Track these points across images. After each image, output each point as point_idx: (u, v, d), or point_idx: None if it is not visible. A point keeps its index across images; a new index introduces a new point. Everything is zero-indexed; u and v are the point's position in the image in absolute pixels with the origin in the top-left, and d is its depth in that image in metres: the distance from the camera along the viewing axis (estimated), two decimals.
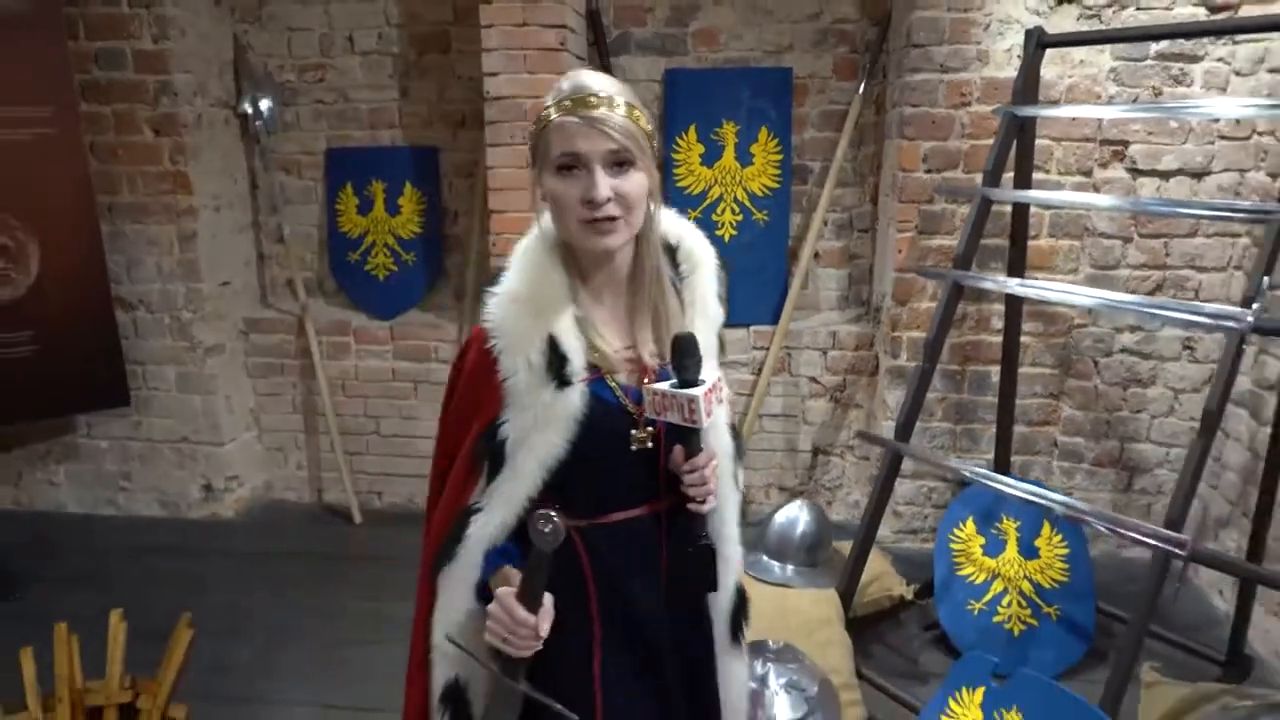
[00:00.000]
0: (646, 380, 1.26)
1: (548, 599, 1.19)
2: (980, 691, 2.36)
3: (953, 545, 2.99)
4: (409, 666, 1.42)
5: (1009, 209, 3.00)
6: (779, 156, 3.61)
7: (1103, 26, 3.09)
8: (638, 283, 1.29)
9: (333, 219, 3.97)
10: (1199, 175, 3.17)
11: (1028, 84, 2.80)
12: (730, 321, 1.42)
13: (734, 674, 1.47)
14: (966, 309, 3.34)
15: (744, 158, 3.62)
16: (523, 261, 1.27)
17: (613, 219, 1.18)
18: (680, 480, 1.27)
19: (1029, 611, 2.85)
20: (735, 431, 1.41)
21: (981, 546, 2.97)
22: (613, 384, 1.27)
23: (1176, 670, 2.54)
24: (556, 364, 1.21)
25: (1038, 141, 3.00)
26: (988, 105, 3.12)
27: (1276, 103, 2.56)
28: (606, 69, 3.52)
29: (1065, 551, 2.90)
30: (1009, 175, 2.92)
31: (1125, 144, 3.19)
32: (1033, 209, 3.10)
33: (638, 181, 1.19)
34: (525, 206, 3.44)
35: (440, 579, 1.30)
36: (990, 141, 2.97)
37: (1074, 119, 3.13)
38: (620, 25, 3.59)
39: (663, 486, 1.31)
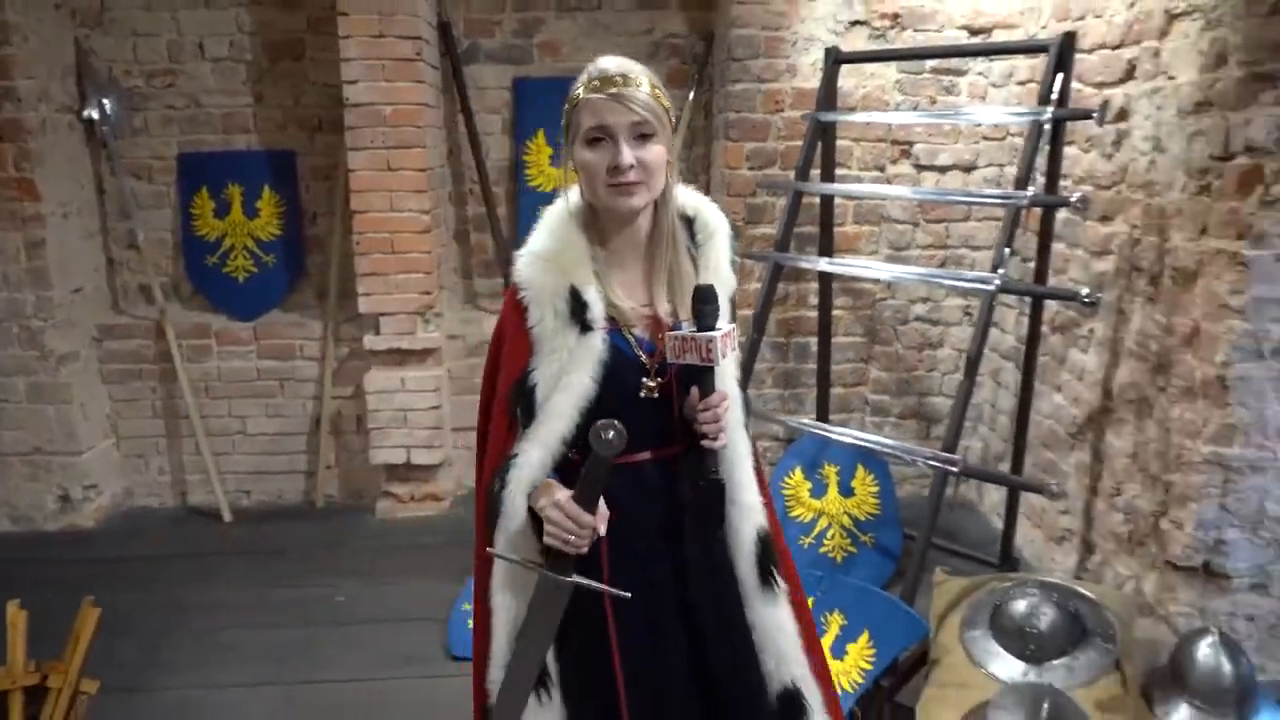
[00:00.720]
0: (660, 332, 1.42)
1: (601, 503, 1.32)
2: (810, 602, 2.82)
3: (785, 492, 3.47)
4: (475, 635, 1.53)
5: (819, 200, 3.50)
6: None
7: (888, 45, 3.65)
8: (656, 247, 1.45)
9: (187, 223, 4.02)
10: (968, 170, 3.80)
11: (828, 94, 3.31)
12: None
13: (768, 618, 1.50)
14: (788, 288, 3.83)
15: None
16: (549, 226, 1.45)
17: (635, 183, 1.35)
18: (692, 427, 1.41)
19: (849, 541, 3.36)
20: (743, 387, 1.52)
21: (808, 490, 3.46)
22: (628, 336, 1.43)
23: (962, 572, 3.10)
24: (579, 311, 1.38)
25: (840, 142, 3.52)
26: (797, 111, 3.62)
27: (1023, 111, 3.17)
28: (459, 78, 3.79)
29: (876, 489, 3.44)
30: (817, 171, 3.42)
31: (910, 144, 3.78)
32: (838, 200, 3.61)
33: (657, 152, 1.36)
34: (386, 206, 3.66)
35: (497, 534, 1.41)
36: (801, 143, 3.45)
37: (868, 123, 3.68)
38: (470, 36, 3.87)
39: (675, 432, 1.45)
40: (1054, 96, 2.70)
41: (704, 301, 1.35)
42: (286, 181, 4.01)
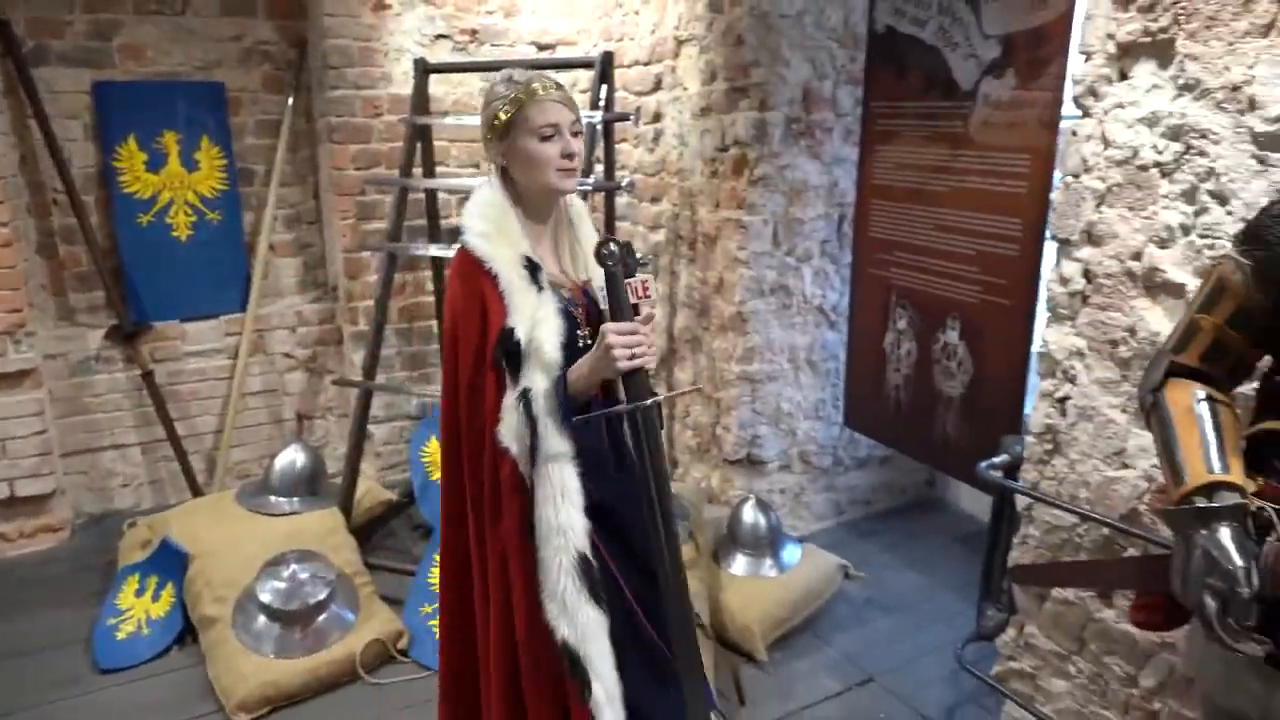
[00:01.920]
0: (576, 291, 1.72)
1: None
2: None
3: (423, 459, 3.83)
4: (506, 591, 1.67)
5: (424, 195, 3.90)
6: (223, 162, 4.04)
7: (469, 58, 4.15)
8: (559, 224, 1.77)
9: None
10: None
11: (420, 99, 3.71)
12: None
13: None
14: (404, 278, 4.18)
15: (189, 164, 3.97)
16: (487, 210, 1.67)
17: (575, 169, 1.66)
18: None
19: None
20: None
21: None
22: (566, 297, 1.70)
23: None
24: (534, 273, 1.63)
25: (437, 143, 3.95)
26: (395, 116, 3.97)
27: (582, 114, 3.84)
28: (26, 80, 3.58)
29: None
30: (421, 169, 3.81)
31: None
32: (441, 193, 4.04)
33: (581, 145, 1.68)
34: None
35: (541, 468, 1.58)
36: (401, 144, 3.82)
37: (460, 125, 4.15)
38: (36, 36, 3.66)
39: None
40: (601, 102, 3.37)
41: (627, 253, 1.66)
42: None
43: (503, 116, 1.64)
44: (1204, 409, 1.47)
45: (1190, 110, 1.90)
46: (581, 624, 1.59)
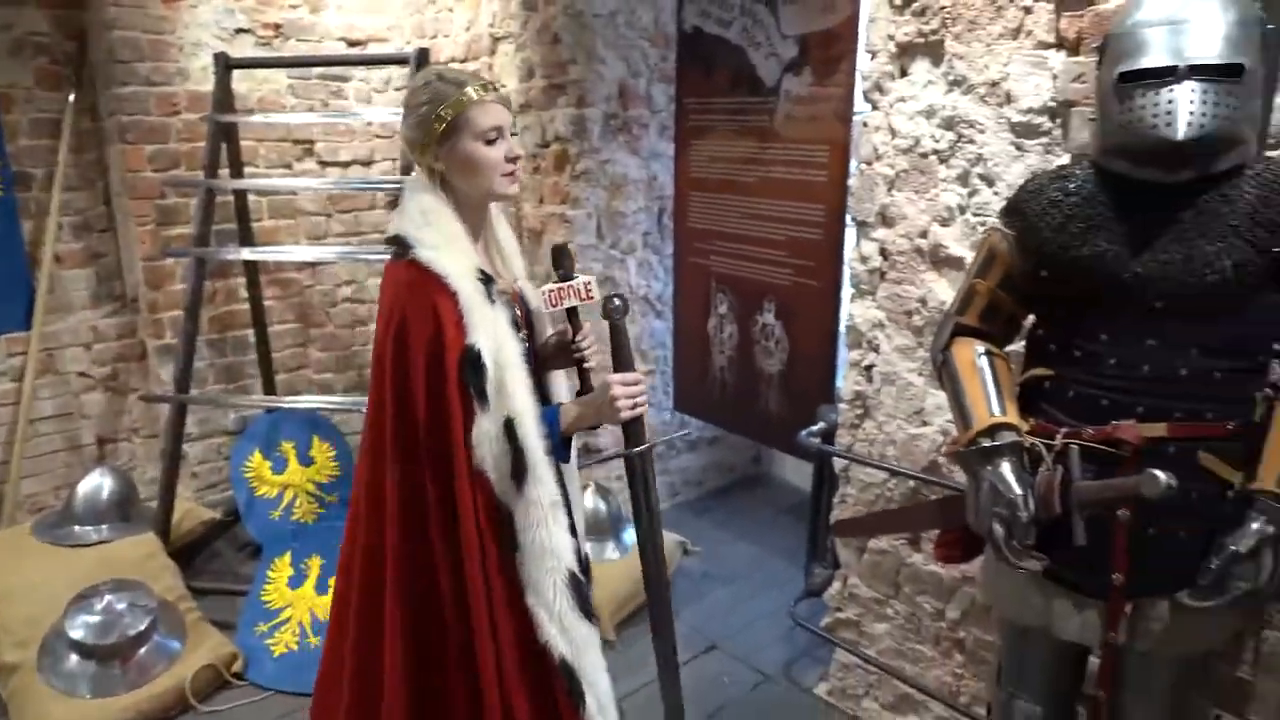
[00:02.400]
0: (542, 289, 1.72)
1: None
2: (288, 554, 3.12)
3: (246, 475, 3.65)
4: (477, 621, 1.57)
5: (232, 198, 3.71)
6: None
7: (275, 53, 3.98)
8: (489, 228, 1.72)
9: None
10: (368, 164, 4.34)
11: (224, 97, 3.53)
12: None
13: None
14: (214, 285, 3.96)
15: None
16: (434, 219, 1.58)
17: (516, 173, 1.63)
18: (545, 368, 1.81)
19: (316, 504, 3.69)
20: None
21: (270, 469, 3.69)
22: (508, 301, 1.64)
23: None
24: (487, 285, 1.57)
25: (244, 143, 3.76)
26: (195, 114, 3.75)
27: (401, 111, 3.78)
28: None
29: (333, 453, 3.82)
30: (227, 170, 3.62)
31: (312, 143, 4.17)
32: (253, 196, 3.86)
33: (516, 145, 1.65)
34: None
35: (523, 497, 1.54)
36: (204, 144, 3.61)
37: (268, 124, 3.97)
38: None
39: (539, 371, 1.76)
40: None
41: (565, 257, 1.70)
42: None
43: (444, 118, 1.56)
44: (984, 362, 1.68)
45: (960, 103, 2.15)
46: (577, 640, 1.60)
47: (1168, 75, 1.40)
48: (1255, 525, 1.43)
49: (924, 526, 2.15)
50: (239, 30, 3.90)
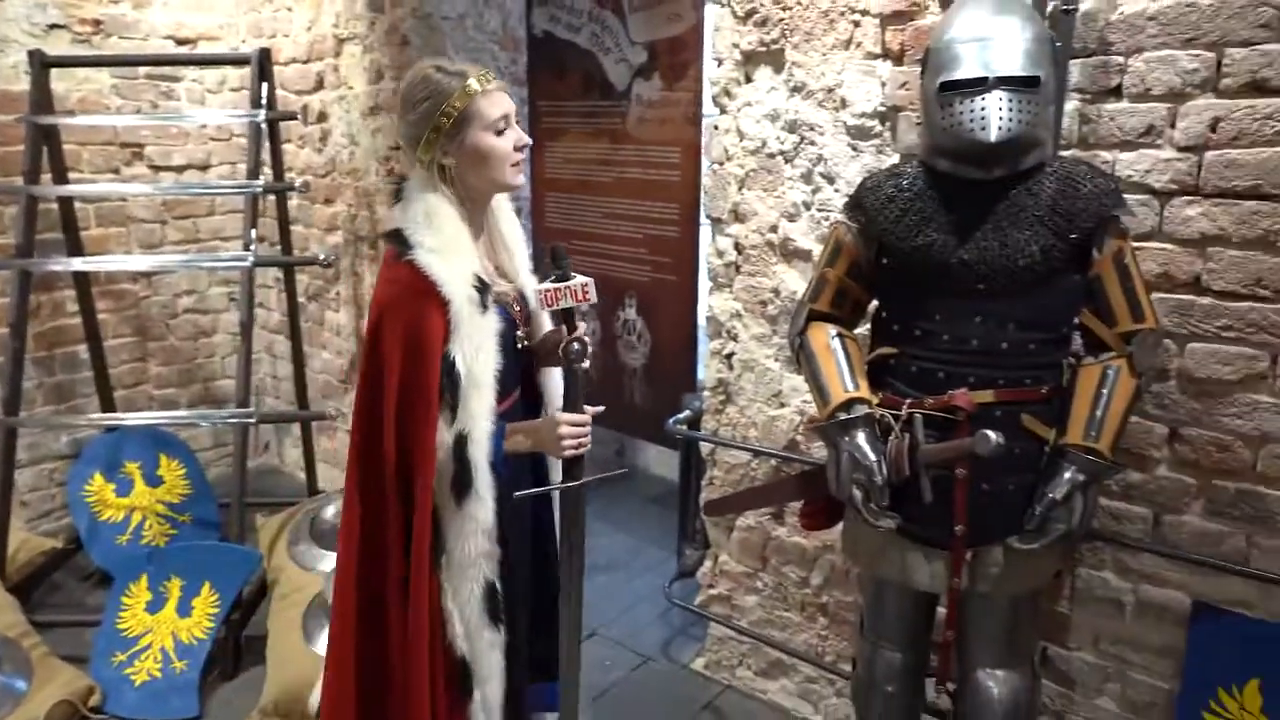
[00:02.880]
0: (537, 288, 1.66)
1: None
2: (143, 579, 2.96)
3: (87, 499, 3.43)
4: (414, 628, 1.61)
5: (56, 205, 3.46)
6: None
7: (95, 51, 3.74)
8: (492, 222, 1.72)
9: None
10: (204, 168, 4.14)
11: (41, 97, 3.29)
12: None
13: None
14: (39, 299, 3.68)
15: None
16: (437, 220, 1.56)
17: (523, 163, 1.64)
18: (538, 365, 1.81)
19: (168, 525, 3.51)
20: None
21: (113, 491, 3.48)
22: (505, 301, 1.66)
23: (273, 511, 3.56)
24: (483, 294, 1.56)
25: (66, 146, 3.52)
26: (9, 115, 3.47)
27: (240, 114, 3.64)
28: None
29: (183, 471, 3.63)
30: (49, 175, 3.38)
31: (141, 146, 3.94)
32: (79, 203, 3.61)
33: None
34: None
35: (462, 511, 1.57)
36: (21, 147, 3.35)
37: (92, 126, 3.73)
38: None
39: (533, 371, 1.80)
40: (264, 101, 3.24)
41: (562, 258, 1.63)
42: None
43: (452, 112, 1.53)
44: (837, 344, 1.85)
45: (801, 108, 2.32)
46: (479, 644, 1.65)
47: (979, 85, 1.60)
48: (1067, 475, 1.66)
49: (788, 499, 2.32)
50: (53, 26, 3.64)
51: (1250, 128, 1.70)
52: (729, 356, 2.62)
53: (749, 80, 2.44)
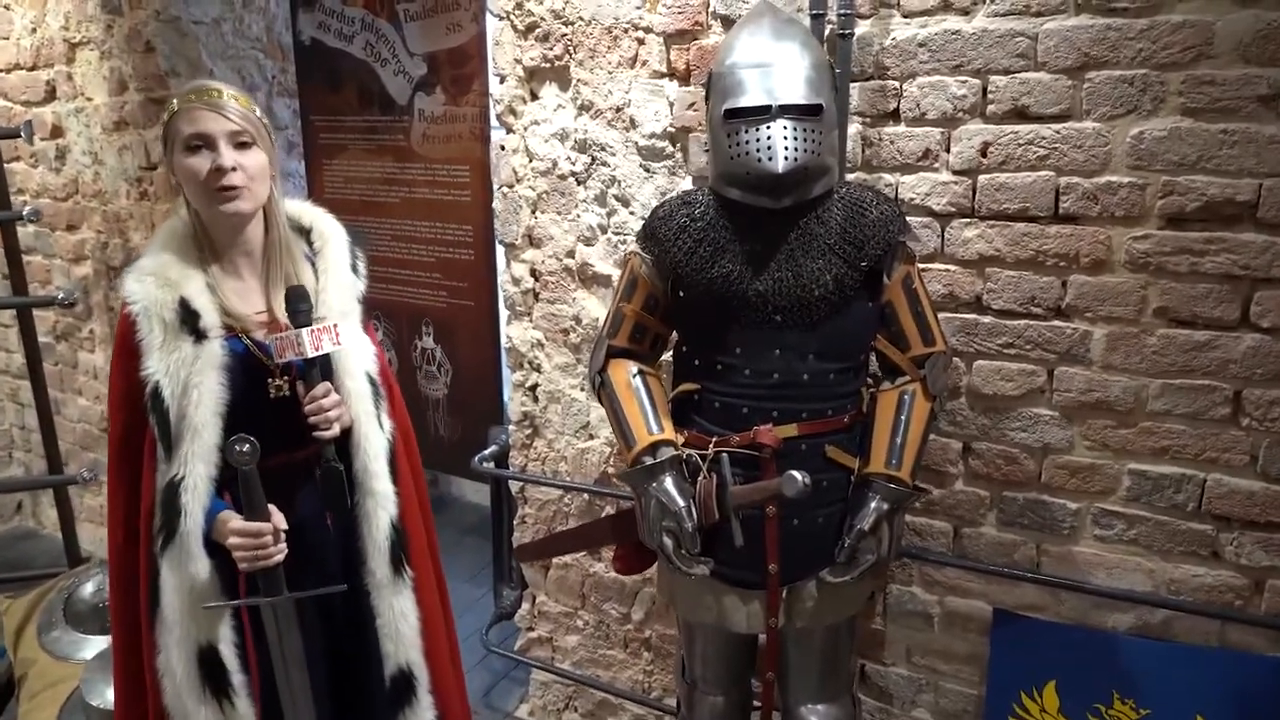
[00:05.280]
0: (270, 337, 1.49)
1: (274, 508, 1.45)
2: None
3: None
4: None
5: None
6: None
7: None
8: (270, 255, 1.54)
9: None
10: None
11: None
12: None
13: (395, 606, 1.61)
14: None
15: None
16: (162, 241, 1.50)
17: (236, 187, 1.43)
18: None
19: None
20: (372, 380, 1.60)
21: None
22: (246, 340, 1.50)
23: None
24: (190, 320, 1.44)
25: None
26: None
27: None
28: None
29: None
30: None
31: None
32: None
33: (258, 158, 1.47)
34: None
35: (164, 561, 1.44)
36: None
37: None
38: None
39: (306, 433, 1.50)
40: None
41: (296, 301, 1.47)
42: None
43: (165, 129, 1.48)
44: (638, 382, 1.75)
45: (590, 127, 2.22)
46: (195, 717, 1.51)
47: (764, 114, 1.55)
48: (873, 504, 1.64)
49: (600, 543, 2.21)
50: None
51: (1015, 152, 1.75)
52: (533, 388, 2.48)
53: (535, 98, 2.31)
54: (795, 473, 1.51)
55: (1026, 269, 1.79)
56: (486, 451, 2.62)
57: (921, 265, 1.82)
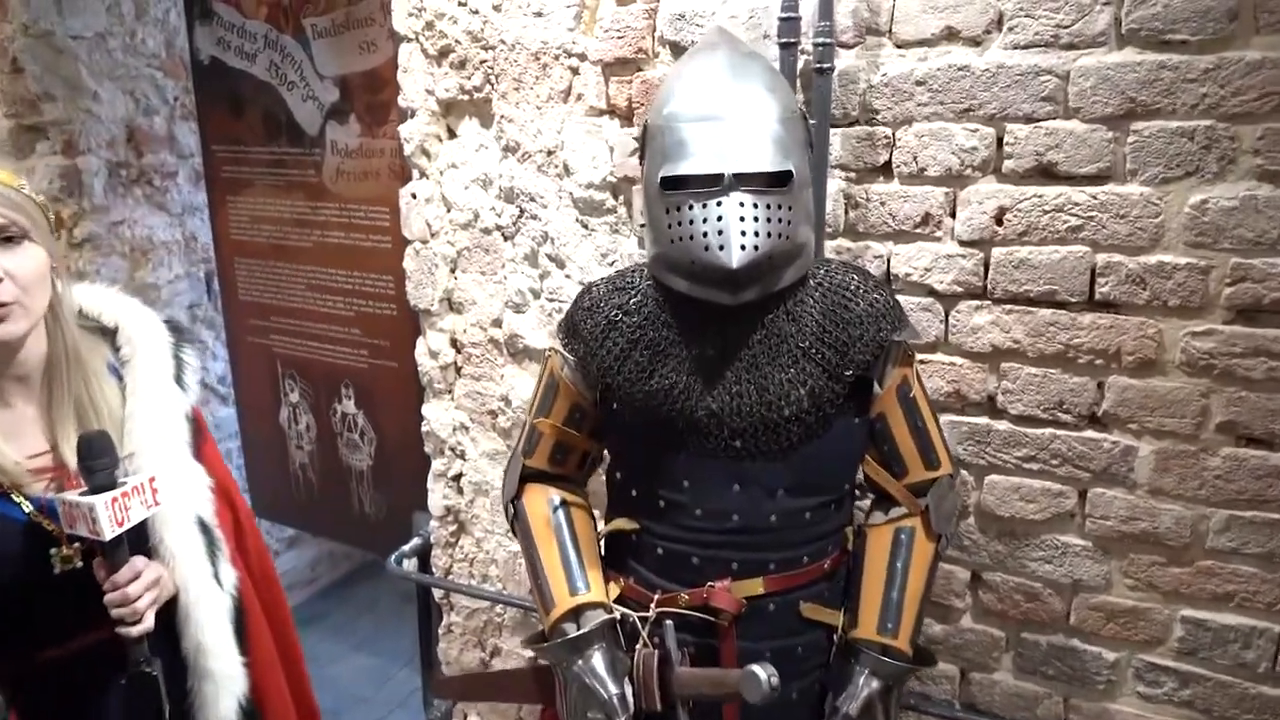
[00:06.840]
0: (68, 487, 1.12)
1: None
2: None
3: None
4: None
5: None
6: None
7: None
8: (53, 375, 1.16)
9: None
10: None
11: None
12: None
13: None
14: None
15: None
16: None
17: (3, 305, 1.06)
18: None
19: None
20: (205, 526, 1.24)
21: None
22: (18, 499, 1.13)
23: None
24: None
25: None
26: None
27: None
28: None
29: None
30: None
31: None
32: None
33: (33, 257, 1.10)
34: None
35: None
36: None
37: None
38: None
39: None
40: None
41: (90, 457, 1.09)
42: None
43: None
44: (560, 518, 1.37)
45: (518, 173, 1.83)
46: None
47: (714, 185, 1.16)
48: (861, 680, 1.27)
49: (525, 700, 1.81)
50: None
51: (1040, 221, 1.37)
52: (457, 478, 2.10)
53: (452, 135, 1.92)
54: (758, 669, 1.13)
55: (1053, 366, 1.42)
56: (407, 547, 2.23)
57: (921, 357, 1.45)
